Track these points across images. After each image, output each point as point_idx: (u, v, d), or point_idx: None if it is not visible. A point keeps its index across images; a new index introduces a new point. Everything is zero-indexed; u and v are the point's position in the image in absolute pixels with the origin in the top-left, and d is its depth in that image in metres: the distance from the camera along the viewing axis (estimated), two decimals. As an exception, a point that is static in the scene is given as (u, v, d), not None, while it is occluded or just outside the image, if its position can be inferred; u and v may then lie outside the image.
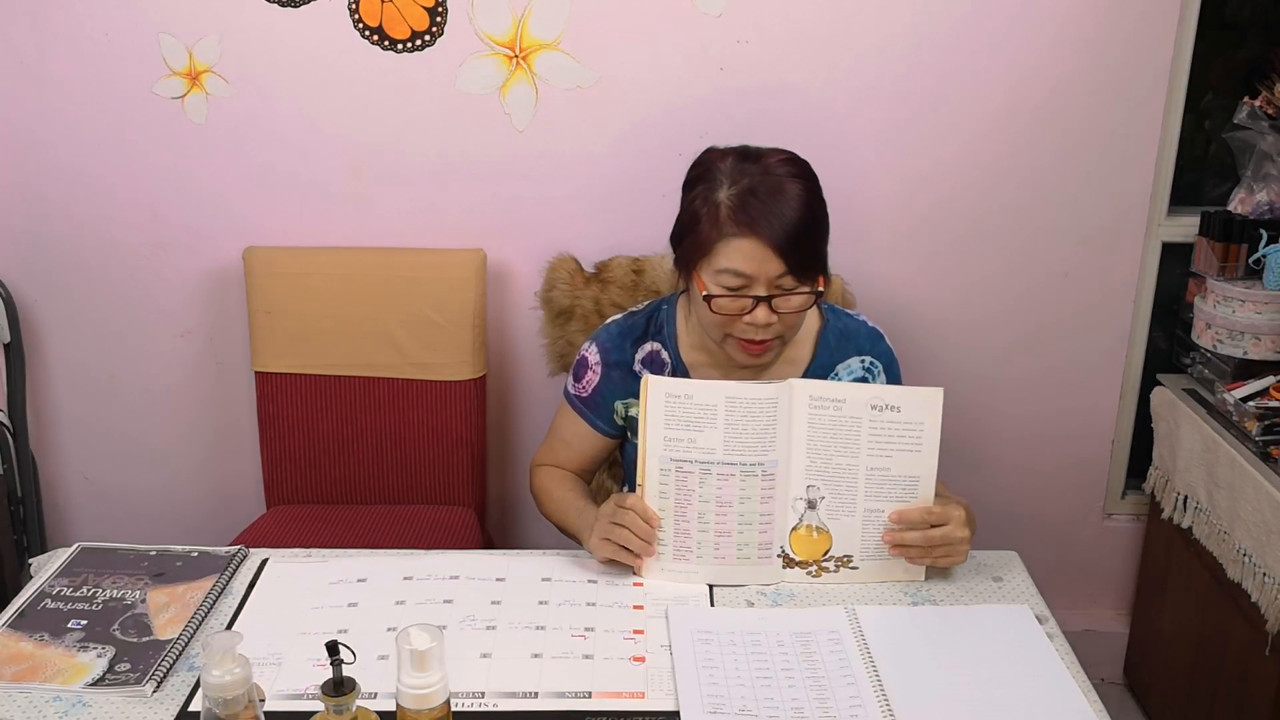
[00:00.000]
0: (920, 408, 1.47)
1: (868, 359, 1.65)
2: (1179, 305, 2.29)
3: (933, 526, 1.45)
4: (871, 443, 1.46)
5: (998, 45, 2.08)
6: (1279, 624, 1.82)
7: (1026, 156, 2.16)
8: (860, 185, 2.17)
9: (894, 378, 1.67)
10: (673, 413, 1.45)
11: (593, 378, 1.67)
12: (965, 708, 1.25)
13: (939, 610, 1.44)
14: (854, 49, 2.08)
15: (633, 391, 1.63)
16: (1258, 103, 2.04)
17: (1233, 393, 2.02)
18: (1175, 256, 2.27)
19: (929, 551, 1.46)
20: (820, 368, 1.64)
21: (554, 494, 1.67)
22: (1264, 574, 1.85)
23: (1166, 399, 2.20)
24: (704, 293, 1.48)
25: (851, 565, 1.48)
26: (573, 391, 1.69)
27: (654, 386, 1.45)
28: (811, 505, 1.47)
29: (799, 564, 1.48)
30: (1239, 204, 2.10)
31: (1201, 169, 2.33)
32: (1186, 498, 2.12)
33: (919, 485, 1.48)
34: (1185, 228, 2.22)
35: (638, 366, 1.65)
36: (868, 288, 2.15)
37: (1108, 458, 2.39)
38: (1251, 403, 1.97)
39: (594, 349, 1.67)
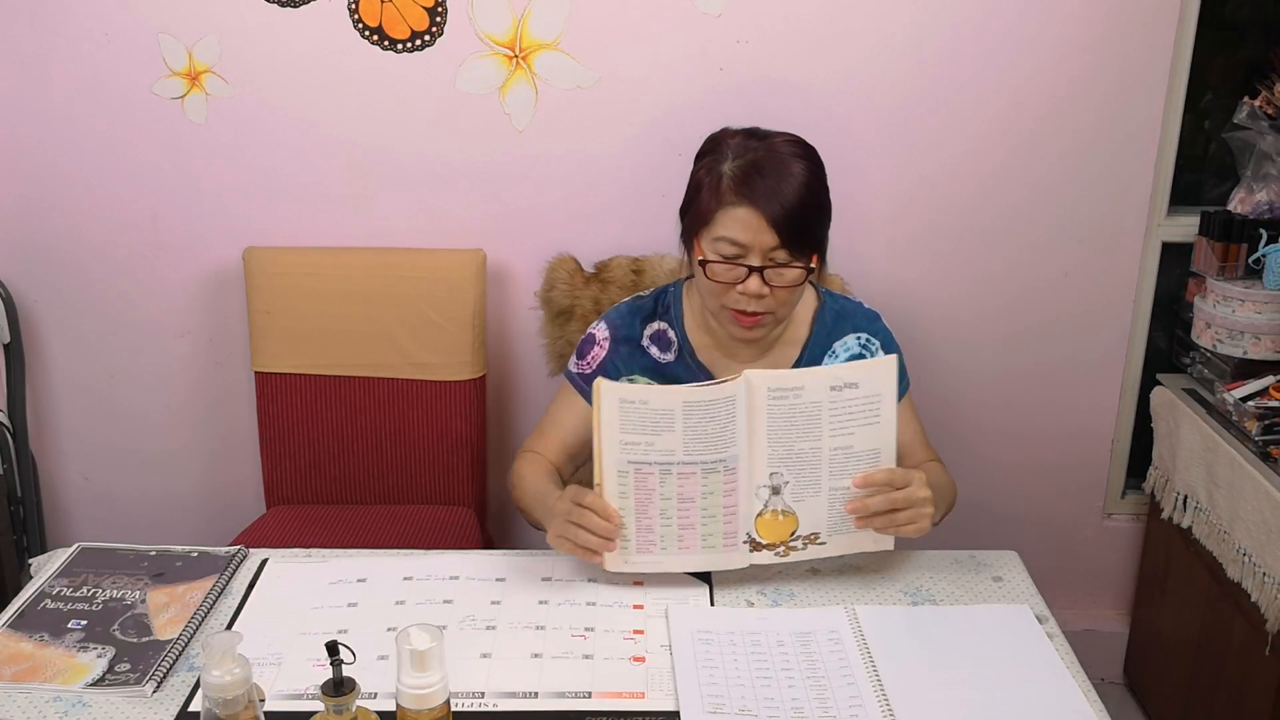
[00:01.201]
0: (876, 379, 1.45)
1: (864, 336, 1.67)
2: (1179, 305, 2.29)
3: (896, 490, 1.44)
4: (833, 423, 1.45)
5: (998, 46, 2.08)
6: (1279, 624, 1.82)
7: (1027, 157, 2.16)
8: (861, 185, 2.17)
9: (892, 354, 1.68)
10: (628, 418, 1.43)
11: (599, 353, 1.67)
12: (965, 708, 1.25)
13: (939, 610, 1.44)
14: (854, 49, 2.08)
15: (638, 369, 1.65)
16: (1258, 103, 2.04)
17: (1232, 392, 2.02)
18: (1175, 256, 2.27)
19: (893, 517, 1.43)
20: (817, 346, 1.65)
21: (526, 482, 1.65)
22: (1264, 574, 1.85)
23: (1166, 399, 2.20)
24: (700, 258, 1.52)
25: (819, 542, 1.47)
26: (575, 370, 1.69)
27: (606, 393, 1.44)
28: (776, 491, 1.46)
29: (766, 546, 1.47)
30: (1239, 204, 2.10)
31: (1201, 169, 2.33)
32: (1186, 497, 2.12)
33: (880, 457, 1.46)
34: (1185, 228, 2.22)
35: (646, 341, 1.66)
36: (868, 287, 2.15)
37: (1107, 457, 2.39)
38: (1251, 402, 1.97)
39: (603, 326, 1.69)
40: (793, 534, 1.47)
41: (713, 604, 1.45)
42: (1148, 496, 2.33)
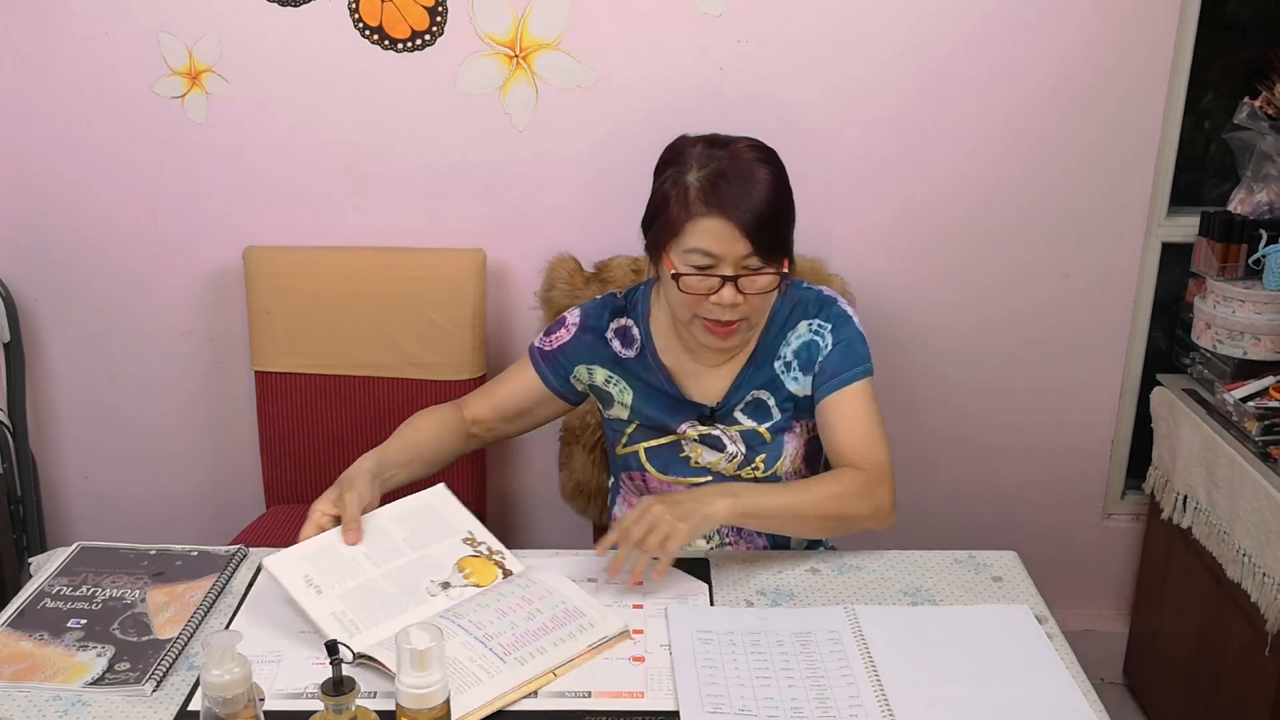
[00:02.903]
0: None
1: (815, 322, 1.63)
2: (1179, 305, 2.29)
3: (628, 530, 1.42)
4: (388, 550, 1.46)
5: (998, 45, 2.08)
6: (1279, 624, 1.82)
7: (1027, 157, 2.16)
8: (860, 185, 2.17)
9: (841, 341, 1.61)
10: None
11: (564, 335, 1.69)
12: (965, 708, 1.25)
13: (939, 610, 1.44)
14: (854, 49, 2.08)
15: (599, 359, 1.67)
16: (1258, 103, 2.04)
17: (1232, 393, 2.02)
18: (1175, 256, 2.27)
19: (648, 550, 1.39)
20: (772, 341, 1.64)
21: (403, 426, 1.67)
22: (1264, 574, 1.85)
23: (1166, 399, 2.20)
24: (672, 272, 1.51)
25: (494, 548, 1.49)
26: (537, 344, 1.71)
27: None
28: (445, 585, 1.42)
29: (500, 574, 1.45)
30: (1239, 204, 2.10)
31: (1201, 169, 2.33)
32: (1186, 498, 2.12)
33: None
34: (1185, 228, 2.22)
35: (610, 334, 1.68)
36: (867, 287, 2.15)
37: (1107, 458, 2.39)
38: (1251, 403, 1.97)
39: (576, 313, 1.71)
40: (479, 552, 1.48)
41: (712, 603, 1.45)
42: (1148, 497, 2.33)
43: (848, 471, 1.54)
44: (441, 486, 1.55)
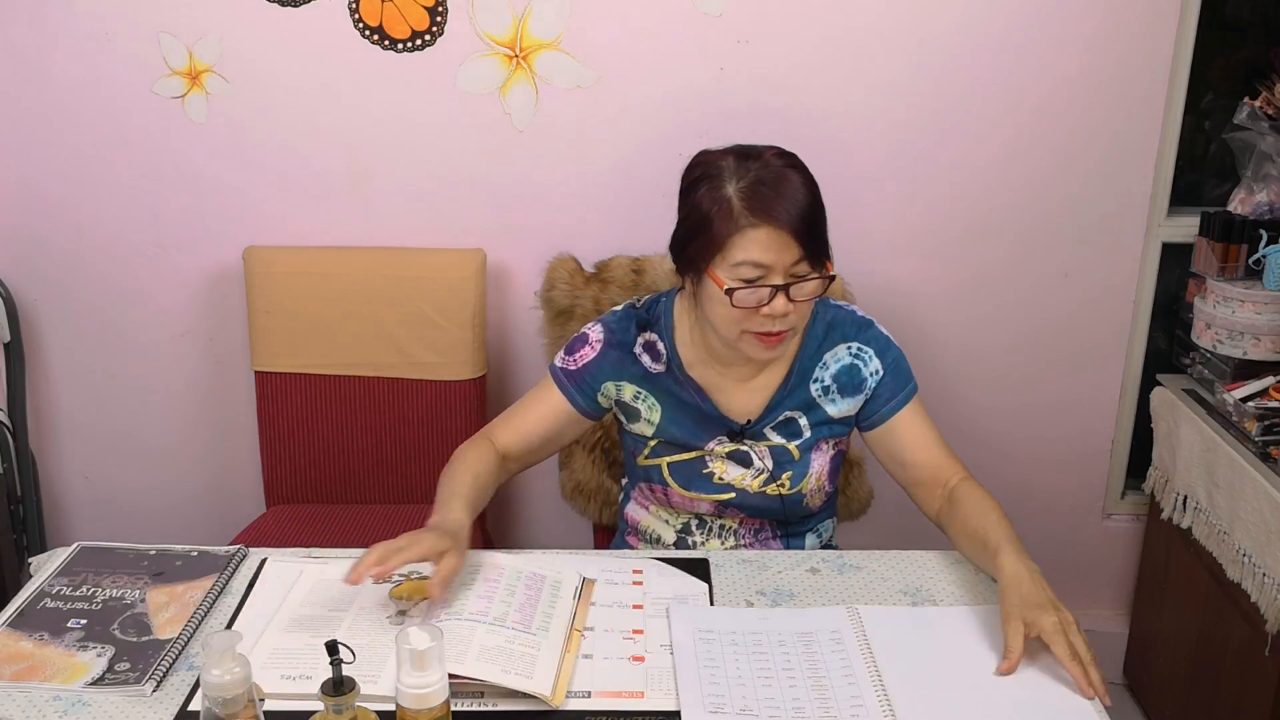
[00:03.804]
0: None
1: (855, 345, 1.62)
2: (1179, 305, 2.29)
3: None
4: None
5: (998, 45, 2.08)
6: (1278, 624, 1.82)
7: (1026, 156, 2.16)
8: (861, 185, 2.17)
9: (890, 363, 1.63)
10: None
11: (588, 353, 1.64)
12: (966, 707, 1.25)
13: (940, 610, 1.44)
14: (854, 49, 2.08)
15: (627, 375, 1.63)
16: (1258, 103, 2.04)
17: (1232, 393, 2.02)
18: (1175, 256, 2.27)
19: (1082, 652, 1.31)
20: (808, 360, 1.62)
21: (456, 466, 1.58)
22: (1264, 574, 1.85)
23: (1166, 399, 2.20)
24: (725, 288, 1.46)
25: (402, 571, 1.43)
26: (559, 364, 1.66)
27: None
28: (403, 612, 1.40)
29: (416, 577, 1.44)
30: (1239, 204, 2.10)
31: (1201, 169, 2.33)
32: (1186, 498, 2.12)
33: None
34: (1185, 228, 2.22)
35: (639, 349, 1.64)
36: (868, 288, 2.15)
37: (1107, 458, 2.39)
38: (1251, 403, 1.97)
39: (598, 328, 1.66)
40: (396, 581, 1.45)
41: (712, 603, 1.45)
42: (1148, 497, 2.33)
43: (963, 486, 1.58)
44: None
